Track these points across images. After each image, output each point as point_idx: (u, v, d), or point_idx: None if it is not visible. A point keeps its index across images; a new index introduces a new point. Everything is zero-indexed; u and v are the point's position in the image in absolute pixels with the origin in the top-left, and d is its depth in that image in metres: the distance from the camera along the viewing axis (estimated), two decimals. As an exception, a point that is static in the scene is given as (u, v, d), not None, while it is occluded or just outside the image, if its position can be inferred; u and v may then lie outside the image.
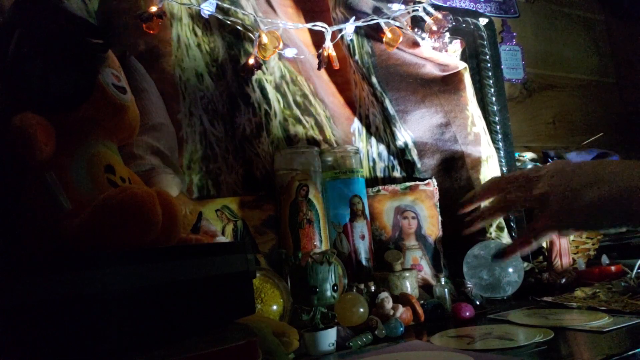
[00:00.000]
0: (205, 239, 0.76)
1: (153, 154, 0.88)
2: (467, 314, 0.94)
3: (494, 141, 1.36)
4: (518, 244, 0.66)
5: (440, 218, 1.20)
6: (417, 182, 1.21)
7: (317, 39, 1.24)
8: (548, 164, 0.67)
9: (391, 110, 1.26)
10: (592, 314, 0.88)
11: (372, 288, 0.98)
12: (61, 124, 0.62)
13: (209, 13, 1.07)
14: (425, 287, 1.11)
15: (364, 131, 1.31)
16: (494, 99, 1.41)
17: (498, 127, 1.39)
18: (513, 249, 0.67)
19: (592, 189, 0.58)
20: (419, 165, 1.28)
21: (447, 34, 1.29)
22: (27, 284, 0.44)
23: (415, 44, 1.23)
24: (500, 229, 1.26)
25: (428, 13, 1.23)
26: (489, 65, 1.42)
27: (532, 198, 0.64)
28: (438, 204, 1.20)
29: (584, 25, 2.14)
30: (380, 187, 1.21)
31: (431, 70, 1.26)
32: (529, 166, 1.59)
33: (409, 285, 1.02)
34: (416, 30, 1.24)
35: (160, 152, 0.90)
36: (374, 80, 1.24)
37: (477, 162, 1.25)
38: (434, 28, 1.22)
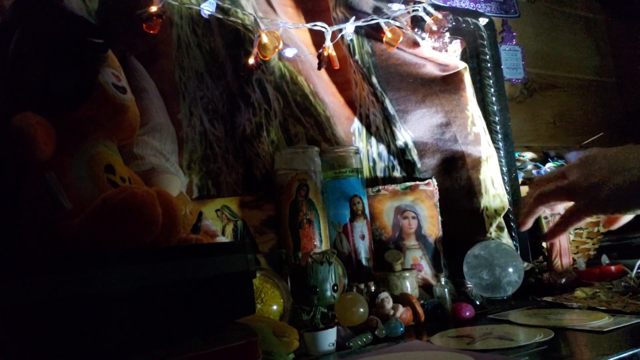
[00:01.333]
0: (205, 239, 0.76)
1: (153, 154, 0.88)
2: (467, 314, 0.94)
3: (494, 141, 1.36)
4: (554, 230, 0.71)
5: (440, 218, 1.20)
6: (417, 182, 1.21)
7: (317, 38, 1.24)
8: (580, 156, 0.73)
9: (391, 110, 1.26)
10: (592, 314, 0.88)
11: (372, 288, 0.98)
12: (61, 124, 0.62)
13: (209, 13, 1.07)
14: (425, 287, 1.11)
15: (364, 131, 1.31)
16: (494, 98, 1.41)
17: (498, 127, 1.39)
18: (551, 235, 0.72)
19: (620, 174, 0.62)
20: (419, 165, 1.28)
21: (447, 34, 1.29)
22: (27, 284, 0.44)
23: (416, 44, 1.22)
24: (500, 228, 1.26)
25: (428, 13, 1.22)
26: (489, 65, 1.42)
27: (565, 187, 0.68)
28: (438, 204, 1.20)
29: (585, 25, 2.14)
30: (380, 187, 1.21)
31: (431, 70, 1.26)
32: (529, 166, 1.59)
33: (409, 285, 1.02)
34: (416, 30, 1.24)
35: (160, 152, 0.90)
36: (374, 80, 1.24)
37: (477, 162, 1.24)
38: (434, 28, 1.22)
